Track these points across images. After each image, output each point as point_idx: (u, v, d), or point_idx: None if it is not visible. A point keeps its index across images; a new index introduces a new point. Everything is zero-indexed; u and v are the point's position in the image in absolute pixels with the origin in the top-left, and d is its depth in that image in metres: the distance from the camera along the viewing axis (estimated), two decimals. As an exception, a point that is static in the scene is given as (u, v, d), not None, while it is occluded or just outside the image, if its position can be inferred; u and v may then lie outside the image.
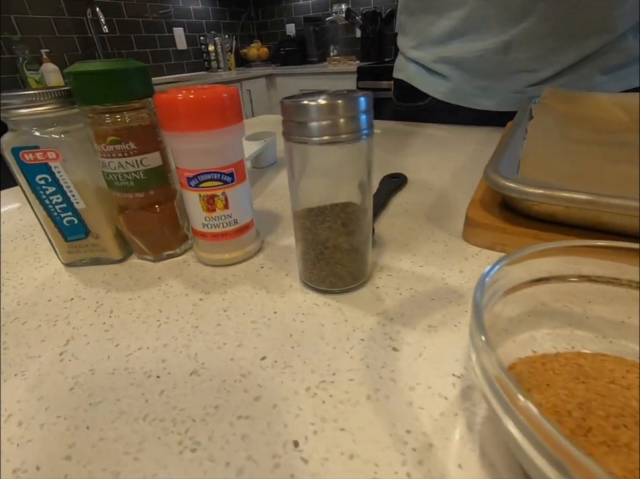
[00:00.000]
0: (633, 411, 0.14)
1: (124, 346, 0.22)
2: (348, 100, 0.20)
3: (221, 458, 0.16)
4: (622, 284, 0.18)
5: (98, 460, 0.16)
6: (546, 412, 0.15)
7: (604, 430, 0.14)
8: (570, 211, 0.26)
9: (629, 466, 0.13)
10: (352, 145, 0.21)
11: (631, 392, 0.15)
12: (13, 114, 0.25)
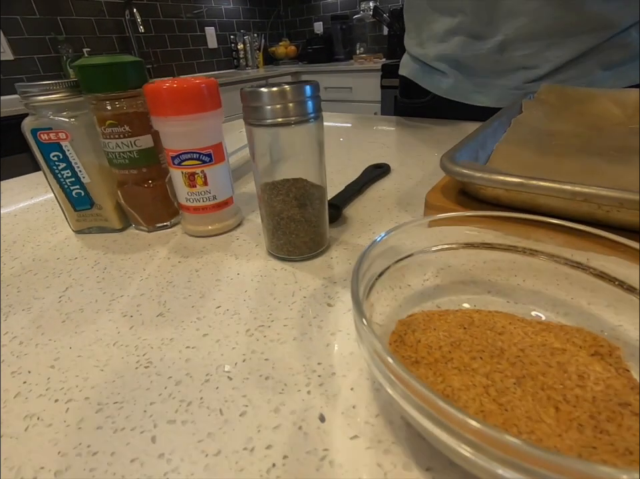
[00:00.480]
0: (494, 349, 0.17)
1: (109, 294, 0.27)
2: (296, 87, 0.23)
3: (166, 373, 0.20)
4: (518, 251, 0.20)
5: (74, 368, 0.21)
6: (421, 347, 0.17)
7: (462, 360, 0.17)
8: (510, 194, 0.28)
9: (467, 382, 0.15)
10: (301, 127, 0.25)
11: (501, 337, 0.18)
12: (32, 100, 0.30)
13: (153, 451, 0.16)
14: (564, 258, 0.19)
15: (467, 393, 0.15)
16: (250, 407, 0.18)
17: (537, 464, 0.10)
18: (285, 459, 0.15)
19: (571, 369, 0.16)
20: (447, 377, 0.16)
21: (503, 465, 0.10)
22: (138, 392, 0.19)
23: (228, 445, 0.16)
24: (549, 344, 0.17)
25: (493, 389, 0.15)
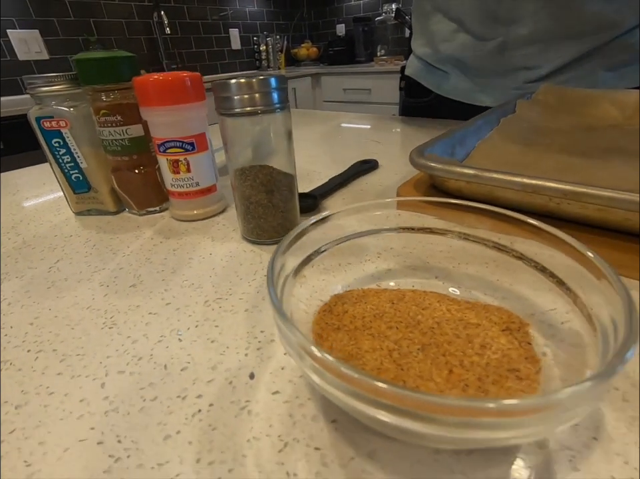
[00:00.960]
0: (412, 321, 0.18)
1: (92, 267, 0.30)
2: (262, 79, 0.25)
3: (126, 333, 0.22)
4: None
5: (49, 326, 0.23)
6: (346, 316, 0.19)
7: (379, 328, 0.18)
8: (471, 186, 0.29)
9: (375, 346, 0.17)
10: (268, 116, 0.27)
11: (423, 311, 0.19)
12: (37, 91, 0.33)
13: (100, 394, 0.18)
14: (492, 241, 0.20)
15: (372, 354, 0.16)
16: (192, 364, 0.20)
17: (405, 404, 0.11)
18: (210, 406, 0.17)
19: (476, 340, 0.17)
20: (359, 341, 0.17)
21: (379, 408, 0.11)
22: (98, 348, 0.21)
23: (165, 393, 0.18)
24: (466, 320, 0.18)
25: (397, 352, 0.16)
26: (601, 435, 0.15)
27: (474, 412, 0.10)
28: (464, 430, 0.11)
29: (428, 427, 0.11)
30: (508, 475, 0.14)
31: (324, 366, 0.12)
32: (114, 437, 0.16)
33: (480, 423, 0.11)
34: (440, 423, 0.11)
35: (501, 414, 0.10)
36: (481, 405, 0.10)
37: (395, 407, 0.11)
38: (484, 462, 0.14)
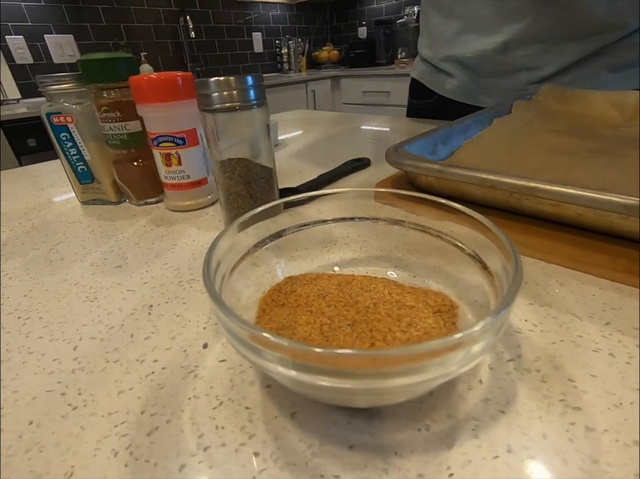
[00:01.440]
0: (352, 301, 0.20)
1: (87, 249, 0.32)
2: (239, 77, 0.27)
3: (104, 306, 0.24)
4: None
5: (40, 298, 0.26)
6: (292, 295, 0.20)
7: (319, 306, 0.19)
8: (440, 182, 0.29)
9: (310, 320, 0.18)
10: (245, 112, 0.28)
11: (365, 293, 0.20)
12: (47, 89, 0.36)
13: (71, 355, 0.21)
14: (436, 230, 0.21)
15: (304, 327, 0.18)
16: (155, 334, 0.22)
17: (309, 360, 0.12)
18: (162, 369, 0.19)
19: (405, 319, 0.18)
20: (297, 316, 0.19)
21: (286, 366, 0.13)
22: (78, 317, 0.24)
23: (126, 357, 0.20)
24: (403, 302, 0.19)
25: (328, 326, 0.18)
26: (509, 409, 0.16)
27: (377, 362, 0.12)
28: (369, 381, 0.12)
29: (334, 381, 0.12)
30: (414, 438, 0.15)
31: (234, 328, 0.14)
32: (75, 390, 0.18)
33: (385, 372, 0.12)
34: (344, 375, 0.12)
35: (402, 359, 0.12)
36: (382, 353, 0.12)
37: (301, 364, 0.13)
38: (394, 426, 0.15)
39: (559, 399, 0.16)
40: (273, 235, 0.23)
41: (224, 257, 0.19)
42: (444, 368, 0.12)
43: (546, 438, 0.15)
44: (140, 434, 0.16)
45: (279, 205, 0.23)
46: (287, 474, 0.14)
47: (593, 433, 0.15)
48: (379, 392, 0.14)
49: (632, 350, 0.18)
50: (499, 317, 0.12)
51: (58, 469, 0.15)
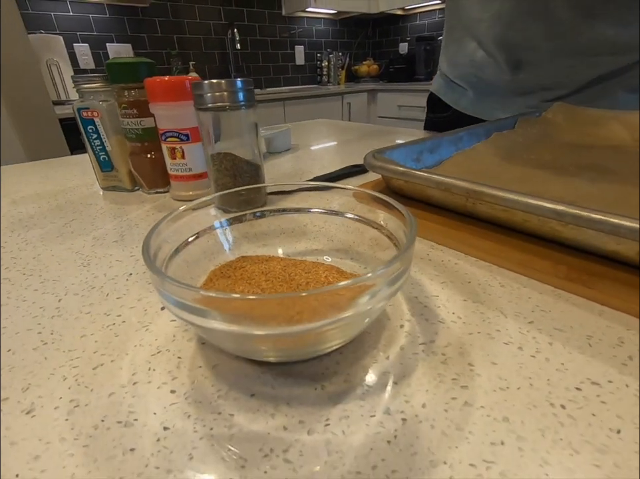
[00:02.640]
0: (289, 279, 0.22)
1: (95, 226, 0.37)
2: (229, 80, 0.31)
3: (93, 271, 0.28)
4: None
5: (45, 261, 0.30)
6: (240, 271, 0.23)
7: (258, 281, 0.22)
8: (408, 185, 0.31)
9: (244, 290, 0.21)
10: (235, 112, 0.32)
11: (304, 274, 0.22)
12: (80, 87, 0.42)
13: (55, 305, 0.24)
14: (374, 222, 0.23)
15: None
16: (126, 295, 0.25)
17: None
18: (122, 322, 0.22)
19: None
20: (236, 286, 0.21)
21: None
22: (69, 278, 0.28)
23: (96, 310, 0.24)
24: (332, 282, 0.21)
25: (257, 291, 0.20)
26: (402, 382, 0.17)
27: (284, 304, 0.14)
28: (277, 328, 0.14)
29: (235, 327, 0.15)
30: (307, 394, 0.17)
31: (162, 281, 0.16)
32: (50, 331, 0.22)
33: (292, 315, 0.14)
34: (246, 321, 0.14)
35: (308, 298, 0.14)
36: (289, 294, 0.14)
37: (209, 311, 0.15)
38: (294, 383, 0.17)
39: (451, 378, 0.17)
40: (247, 216, 0.26)
41: (182, 230, 0.22)
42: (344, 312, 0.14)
43: (424, 407, 0.16)
44: (87, 367, 0.19)
45: (261, 191, 0.26)
46: (191, 409, 0.16)
47: (469, 408, 0.16)
48: (287, 336, 0.16)
49: (542, 346, 0.19)
50: (389, 267, 0.15)
51: (18, 384, 0.18)
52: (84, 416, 0.16)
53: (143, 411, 0.16)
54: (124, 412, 0.16)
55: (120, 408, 0.17)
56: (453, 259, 0.27)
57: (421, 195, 0.30)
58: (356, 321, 0.17)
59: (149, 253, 0.17)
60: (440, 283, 0.25)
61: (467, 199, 0.27)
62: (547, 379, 0.17)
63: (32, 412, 0.17)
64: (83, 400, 0.17)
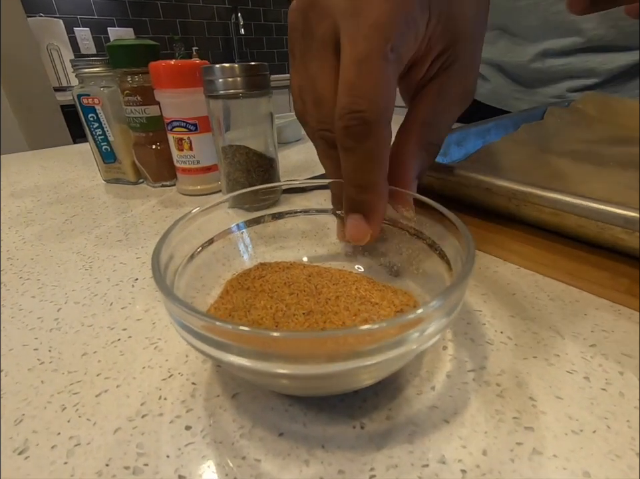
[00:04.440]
0: (315, 292, 0.19)
1: (97, 222, 0.34)
2: (243, 64, 0.28)
3: (95, 275, 0.26)
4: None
5: (43, 262, 0.28)
6: (259, 281, 0.20)
7: (281, 293, 0.19)
8: (439, 182, 0.28)
9: (267, 305, 0.18)
10: (248, 100, 0.29)
11: (332, 286, 0.20)
12: (80, 72, 0.39)
13: (54, 316, 0.22)
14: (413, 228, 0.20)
15: (259, 311, 0.18)
16: (131, 305, 0.23)
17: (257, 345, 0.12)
18: (128, 338, 0.20)
19: (363, 315, 0.17)
20: (257, 300, 0.19)
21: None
22: (69, 283, 0.25)
23: (99, 323, 0.21)
24: (367, 298, 0.19)
25: (282, 313, 0.18)
26: (455, 419, 0.15)
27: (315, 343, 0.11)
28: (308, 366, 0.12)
29: (266, 365, 0.12)
30: (345, 434, 0.14)
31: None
32: (47, 347, 0.20)
33: (329, 354, 0.11)
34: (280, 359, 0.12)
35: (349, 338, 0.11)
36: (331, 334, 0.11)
37: (235, 346, 0.12)
38: (329, 420, 0.15)
39: (512, 416, 0.15)
40: (265, 217, 0.23)
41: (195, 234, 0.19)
42: (385, 353, 0.12)
43: (485, 454, 0.14)
44: (90, 394, 0.17)
45: (276, 190, 0.23)
46: (210, 451, 0.14)
47: (539, 456, 0.13)
48: (319, 378, 0.13)
49: (613, 377, 0.16)
50: (446, 299, 0.12)
51: (10, 414, 0.16)
52: (86, 458, 0.14)
53: (154, 453, 0.14)
54: (132, 453, 0.14)
55: (128, 449, 0.14)
56: (492, 266, 0.25)
57: (454, 194, 0.28)
58: (400, 360, 0.14)
59: (159, 268, 0.15)
60: (481, 295, 0.22)
61: (509, 200, 0.24)
62: (627, 420, 0.14)
63: (26, 452, 0.14)
64: (84, 437, 0.15)
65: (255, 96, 0.29)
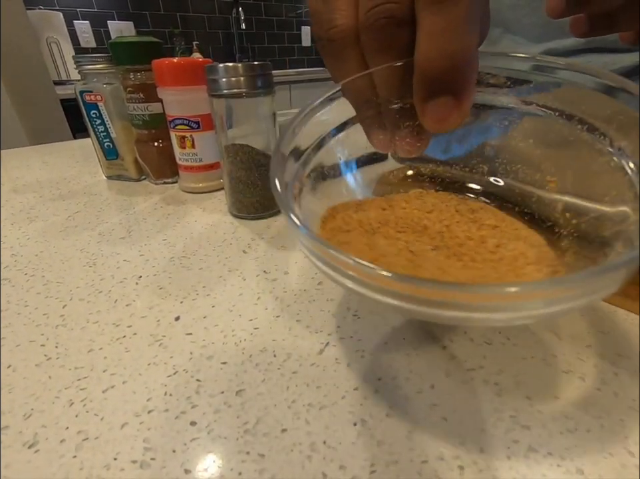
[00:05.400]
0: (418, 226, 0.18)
1: (100, 220, 0.35)
2: (246, 64, 0.28)
3: (99, 272, 0.26)
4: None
5: (48, 259, 0.28)
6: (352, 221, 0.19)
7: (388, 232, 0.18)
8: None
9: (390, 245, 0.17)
10: (251, 99, 0.29)
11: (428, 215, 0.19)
12: (82, 69, 0.39)
13: (59, 312, 0.22)
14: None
15: (388, 249, 0.17)
16: (136, 302, 0.23)
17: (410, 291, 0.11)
18: (134, 335, 0.20)
19: (492, 241, 0.17)
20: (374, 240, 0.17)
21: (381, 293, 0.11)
22: (74, 280, 0.25)
23: (105, 319, 0.22)
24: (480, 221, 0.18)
25: (411, 253, 0.16)
26: (453, 418, 0.15)
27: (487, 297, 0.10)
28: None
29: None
30: (347, 433, 0.15)
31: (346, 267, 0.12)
32: (54, 343, 0.20)
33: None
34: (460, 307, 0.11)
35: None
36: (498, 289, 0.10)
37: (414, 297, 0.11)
38: (331, 418, 0.15)
39: (509, 415, 0.15)
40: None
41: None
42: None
43: (483, 451, 0.14)
44: (97, 389, 0.17)
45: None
46: (216, 446, 0.14)
47: (535, 454, 0.14)
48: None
49: (607, 377, 0.17)
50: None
51: (19, 409, 0.16)
52: (94, 452, 0.14)
53: (160, 448, 0.14)
54: (139, 448, 0.14)
55: (135, 444, 0.15)
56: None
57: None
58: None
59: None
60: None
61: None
62: (620, 419, 0.15)
63: (36, 445, 0.15)
64: (93, 431, 0.15)
65: (258, 96, 0.29)
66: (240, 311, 0.22)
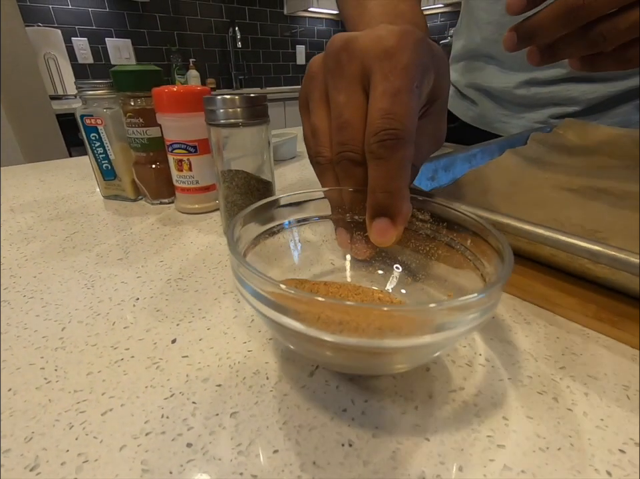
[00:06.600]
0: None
1: (97, 240, 0.35)
2: (243, 96, 0.30)
3: (97, 294, 0.27)
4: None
5: (46, 281, 0.29)
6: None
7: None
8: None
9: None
10: (247, 129, 0.31)
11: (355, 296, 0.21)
12: (84, 94, 0.40)
13: (58, 335, 0.23)
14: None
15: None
16: (133, 324, 0.24)
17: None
18: (131, 358, 0.21)
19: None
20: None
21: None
22: (72, 302, 0.26)
23: (103, 342, 0.22)
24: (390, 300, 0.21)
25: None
26: (434, 437, 0.16)
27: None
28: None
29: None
30: (335, 453, 0.16)
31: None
32: (53, 366, 0.21)
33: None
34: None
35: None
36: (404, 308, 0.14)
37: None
38: (320, 439, 0.16)
39: (486, 435, 0.16)
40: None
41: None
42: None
43: (461, 470, 0.15)
44: (96, 412, 0.18)
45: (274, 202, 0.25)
46: (210, 467, 0.15)
47: (509, 472, 0.15)
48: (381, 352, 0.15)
49: (578, 398, 0.18)
50: (490, 290, 0.14)
51: (20, 432, 0.17)
52: (94, 474, 0.15)
53: (157, 469, 0.15)
54: (137, 469, 0.15)
55: (133, 465, 0.15)
56: (474, 290, 0.26)
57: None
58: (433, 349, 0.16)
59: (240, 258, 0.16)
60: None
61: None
62: (588, 438, 0.16)
63: (37, 468, 0.15)
64: (92, 454, 0.16)
65: (255, 125, 0.30)
66: (235, 334, 0.23)
